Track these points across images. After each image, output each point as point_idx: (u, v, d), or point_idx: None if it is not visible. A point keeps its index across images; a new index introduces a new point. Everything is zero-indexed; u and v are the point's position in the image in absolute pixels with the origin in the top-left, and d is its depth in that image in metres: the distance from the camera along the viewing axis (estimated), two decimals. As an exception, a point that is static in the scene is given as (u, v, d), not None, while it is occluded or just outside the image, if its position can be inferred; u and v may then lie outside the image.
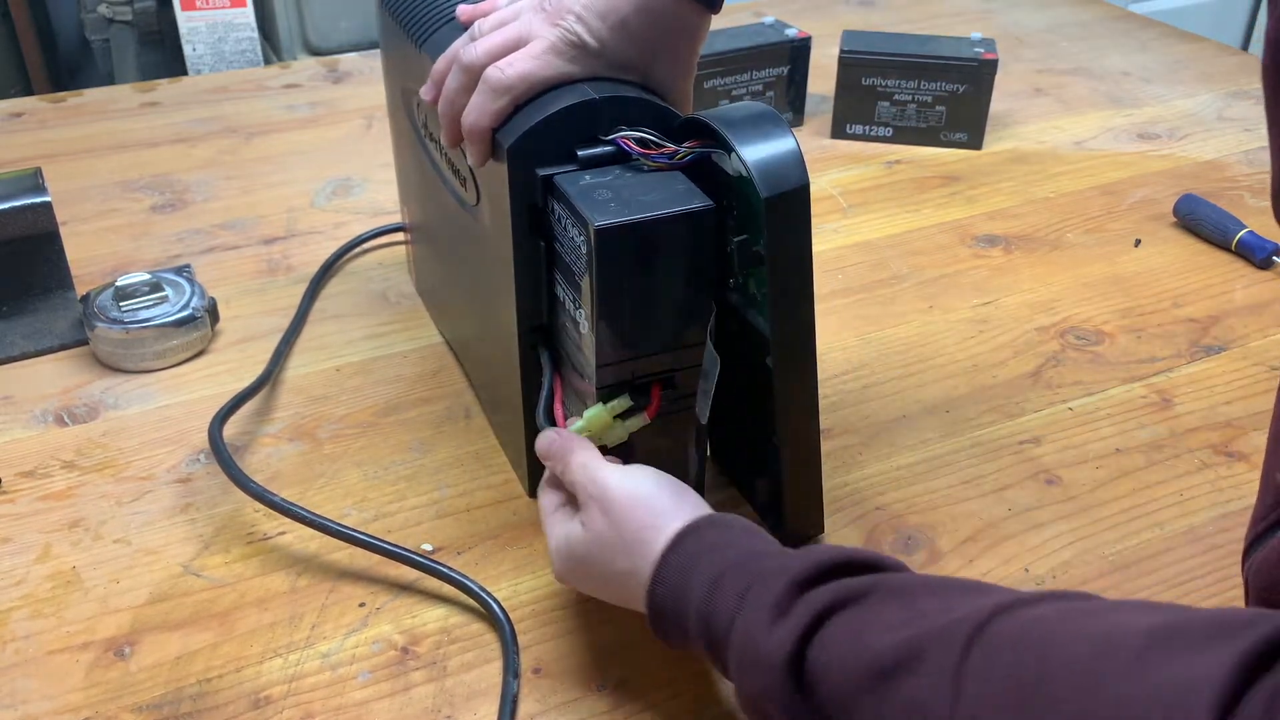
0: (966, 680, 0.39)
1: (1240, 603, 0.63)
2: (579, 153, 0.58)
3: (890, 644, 0.42)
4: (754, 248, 0.56)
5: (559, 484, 0.59)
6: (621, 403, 0.60)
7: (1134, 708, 0.33)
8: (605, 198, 0.55)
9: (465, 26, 0.65)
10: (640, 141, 0.58)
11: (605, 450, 0.60)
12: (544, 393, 0.63)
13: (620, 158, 0.58)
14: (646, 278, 0.56)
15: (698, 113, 0.58)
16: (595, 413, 0.59)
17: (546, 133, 0.58)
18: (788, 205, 0.54)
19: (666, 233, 0.55)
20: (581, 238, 0.55)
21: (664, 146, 0.58)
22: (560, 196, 0.57)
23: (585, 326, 0.58)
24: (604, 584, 0.55)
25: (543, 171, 0.58)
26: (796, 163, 0.54)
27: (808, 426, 0.61)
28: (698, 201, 0.55)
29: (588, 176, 0.57)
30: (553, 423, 0.62)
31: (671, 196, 0.56)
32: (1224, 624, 0.34)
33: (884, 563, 0.47)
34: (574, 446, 0.57)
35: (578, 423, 0.60)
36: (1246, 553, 0.54)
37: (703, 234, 0.56)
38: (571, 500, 0.58)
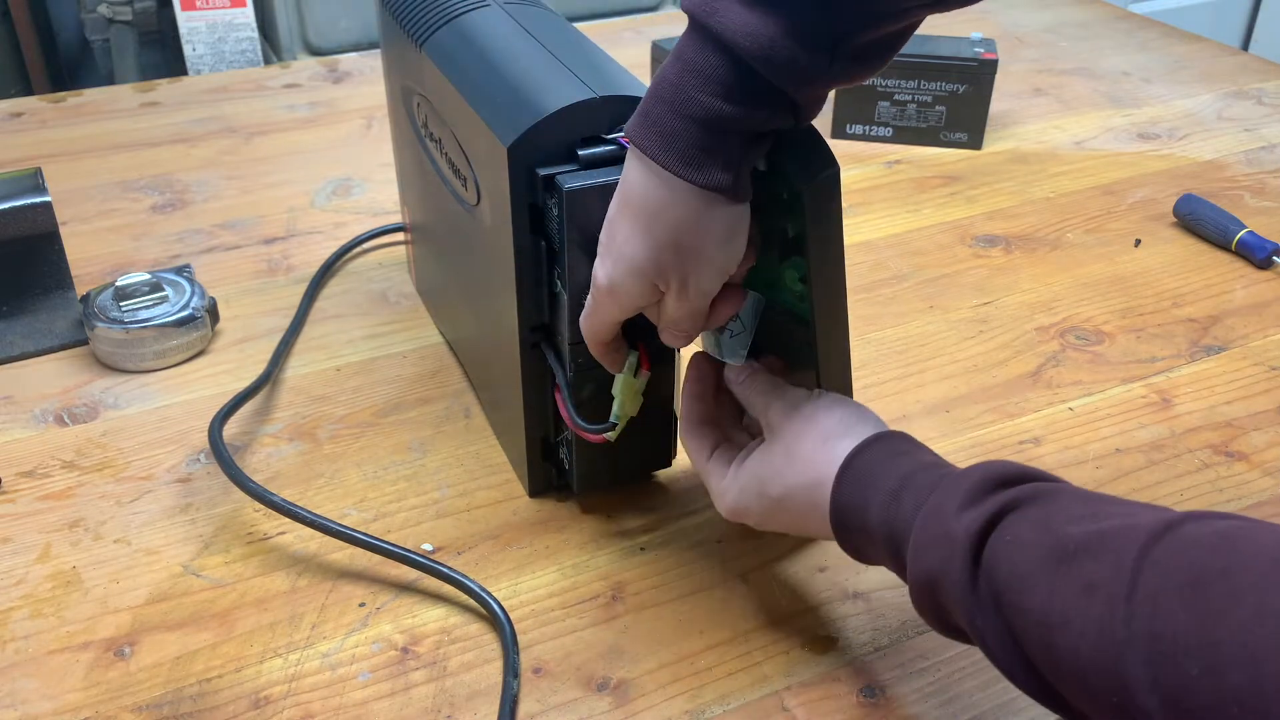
0: (1148, 568, 0.40)
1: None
2: (580, 152, 0.58)
3: (1075, 532, 0.43)
4: (789, 235, 0.57)
5: (708, 425, 0.63)
6: (631, 363, 0.61)
7: None
8: None
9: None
10: None
11: (632, 421, 0.63)
12: (564, 388, 0.63)
13: (622, 157, 0.58)
14: None
15: None
16: (624, 381, 0.61)
17: (546, 132, 0.58)
18: (824, 190, 0.55)
19: None
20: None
21: None
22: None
23: (558, 286, 0.61)
24: (782, 502, 0.57)
25: (543, 171, 0.58)
26: (825, 149, 0.54)
27: (847, 393, 0.64)
28: None
29: (588, 176, 0.57)
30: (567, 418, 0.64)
31: None
32: None
33: (1058, 478, 0.49)
34: (763, 383, 0.61)
35: (614, 405, 0.62)
36: None
37: None
38: (725, 441, 0.62)
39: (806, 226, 0.55)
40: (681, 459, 0.73)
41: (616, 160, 0.58)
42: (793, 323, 0.61)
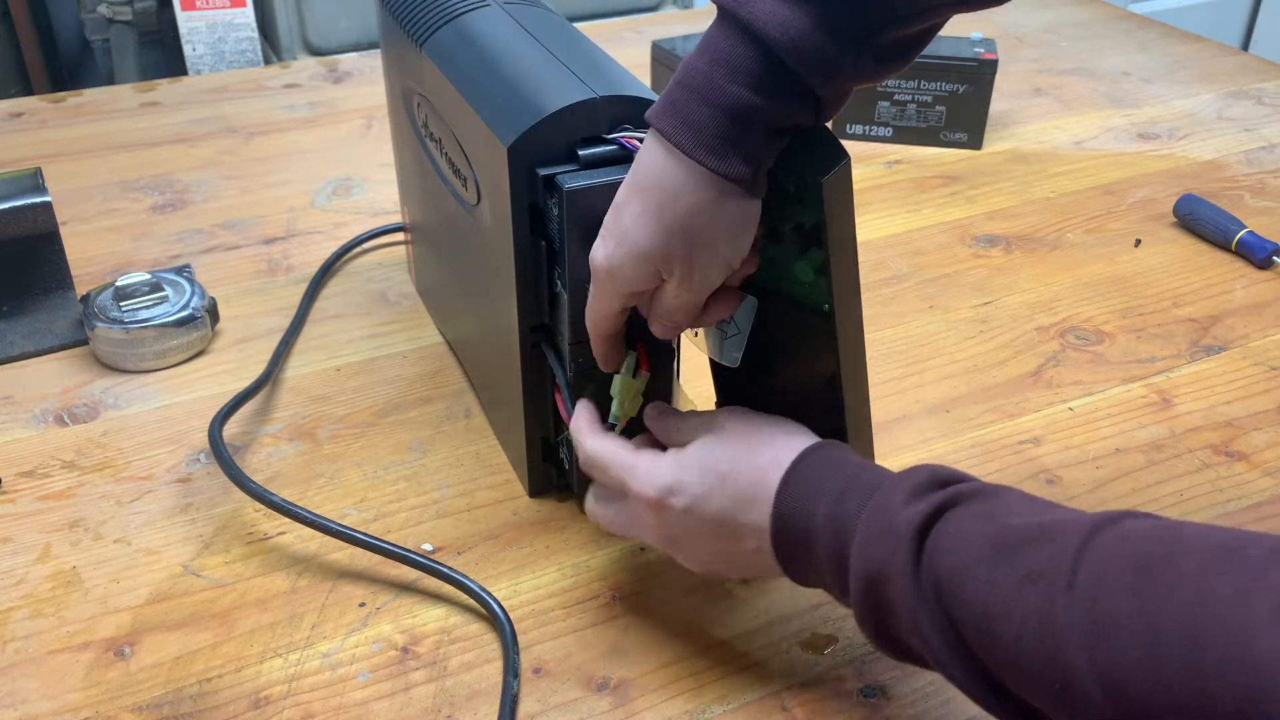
0: (1090, 556, 0.40)
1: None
2: (580, 152, 0.58)
3: (1017, 524, 0.44)
4: (805, 228, 0.58)
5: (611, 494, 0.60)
6: (630, 364, 0.61)
7: (1251, 601, 0.35)
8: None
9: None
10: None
11: (629, 424, 0.62)
12: (564, 388, 0.63)
13: (622, 157, 0.58)
14: None
15: None
16: (623, 382, 0.61)
17: (547, 132, 0.58)
18: (839, 180, 0.56)
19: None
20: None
21: None
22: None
23: (559, 286, 0.61)
24: (727, 478, 0.55)
25: (543, 171, 0.58)
26: (835, 141, 0.54)
27: (862, 382, 0.64)
28: None
29: (588, 176, 0.57)
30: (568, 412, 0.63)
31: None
32: None
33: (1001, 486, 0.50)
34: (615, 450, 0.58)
35: (613, 406, 0.62)
36: None
37: None
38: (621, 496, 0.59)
39: (825, 218, 0.56)
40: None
41: (617, 160, 0.58)
42: (805, 316, 0.61)
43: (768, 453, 0.55)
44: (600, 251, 0.55)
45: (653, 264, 0.54)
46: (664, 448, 0.59)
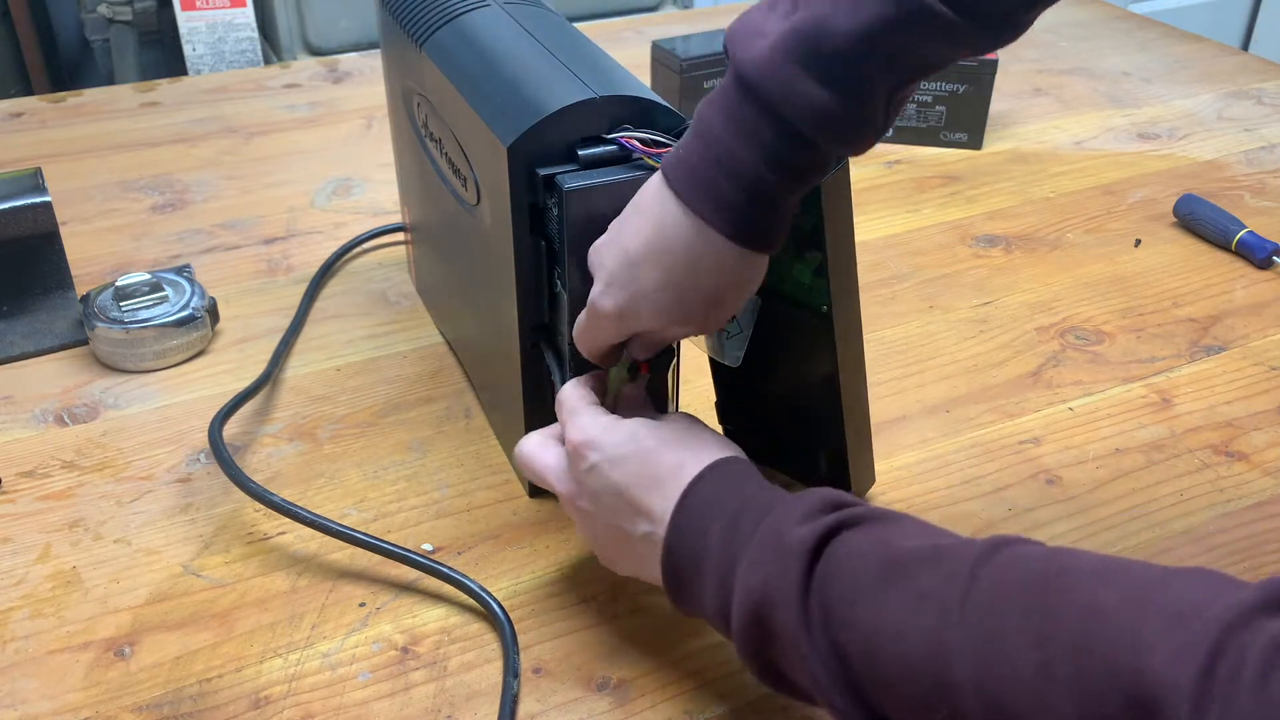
0: (984, 575, 0.41)
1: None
2: (580, 152, 0.58)
3: (910, 546, 0.44)
4: (804, 229, 0.59)
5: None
6: (626, 364, 0.61)
7: (1145, 610, 0.35)
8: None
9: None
10: (647, 142, 0.58)
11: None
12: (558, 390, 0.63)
13: (622, 158, 0.58)
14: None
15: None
16: (616, 377, 0.61)
17: (547, 132, 0.58)
18: (837, 182, 0.57)
19: (629, 193, 0.57)
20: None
21: (674, 145, 0.58)
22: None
23: (559, 286, 0.61)
24: (616, 501, 0.55)
25: (543, 171, 0.58)
26: None
27: (861, 381, 0.65)
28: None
29: (588, 176, 0.57)
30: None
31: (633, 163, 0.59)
32: (1231, 578, 0.37)
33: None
34: (579, 406, 0.58)
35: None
36: None
37: None
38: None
39: (824, 219, 0.56)
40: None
41: (617, 160, 0.58)
42: (804, 317, 0.61)
43: (690, 453, 0.54)
44: (608, 301, 0.55)
45: (666, 320, 0.55)
46: None
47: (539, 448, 0.60)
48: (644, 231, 0.53)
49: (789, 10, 0.48)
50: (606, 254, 0.55)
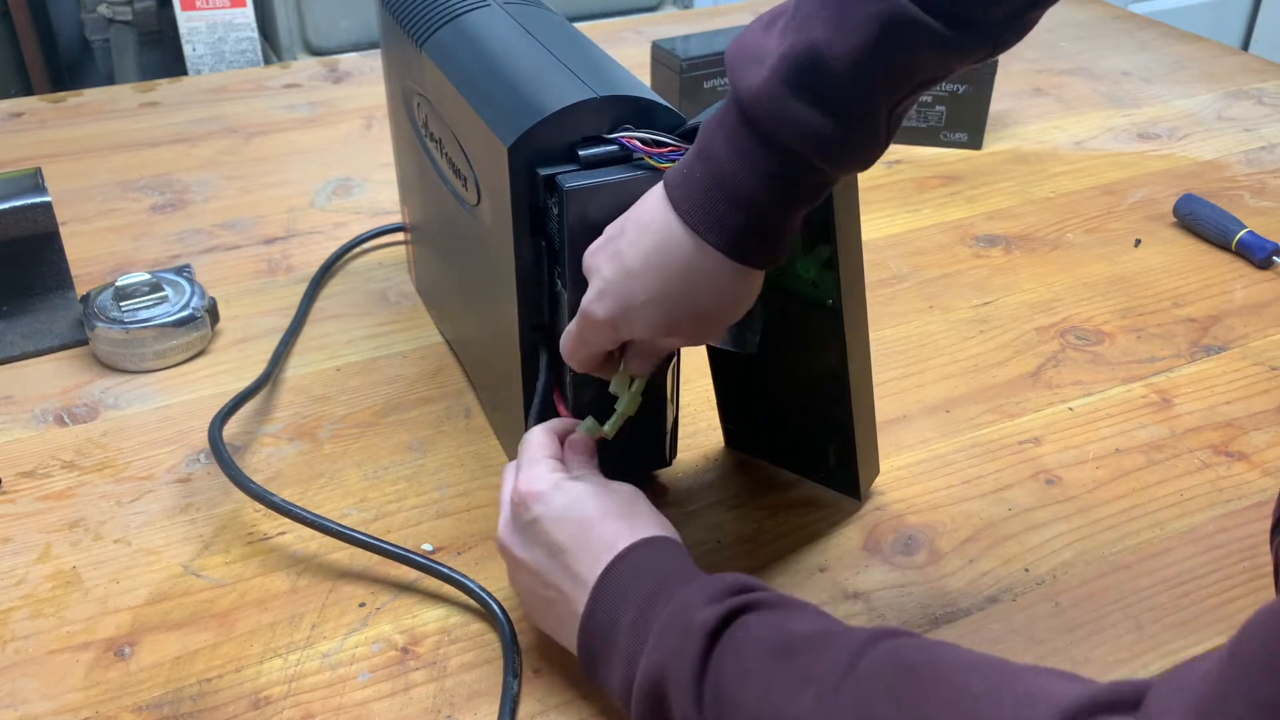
0: (864, 662, 0.43)
1: (1248, 600, 0.64)
2: (580, 152, 0.58)
3: (801, 630, 0.46)
4: (813, 224, 0.59)
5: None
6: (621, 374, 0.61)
7: (994, 694, 0.39)
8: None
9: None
10: (647, 142, 0.58)
11: (630, 421, 0.62)
12: (538, 396, 0.63)
13: (623, 157, 0.58)
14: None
15: (703, 118, 0.58)
16: (620, 381, 0.61)
17: (547, 132, 0.58)
18: (848, 180, 0.58)
19: (629, 193, 0.57)
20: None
21: (675, 146, 0.58)
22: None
23: (559, 285, 0.61)
24: (546, 556, 0.56)
25: (544, 171, 0.58)
26: None
27: (867, 373, 0.66)
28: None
29: (589, 176, 0.57)
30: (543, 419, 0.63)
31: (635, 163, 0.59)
32: (1067, 674, 0.40)
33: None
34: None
35: (617, 405, 0.62)
36: (1275, 529, 0.57)
37: None
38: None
39: (834, 215, 0.57)
40: (682, 459, 0.73)
41: (617, 160, 0.58)
42: (810, 312, 0.61)
43: (626, 527, 0.55)
44: (601, 308, 0.55)
45: (659, 333, 0.55)
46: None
47: (510, 475, 0.60)
48: (643, 244, 0.53)
49: (784, 29, 0.49)
50: (603, 261, 0.55)
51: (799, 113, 0.48)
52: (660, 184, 0.54)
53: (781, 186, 0.50)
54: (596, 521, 0.55)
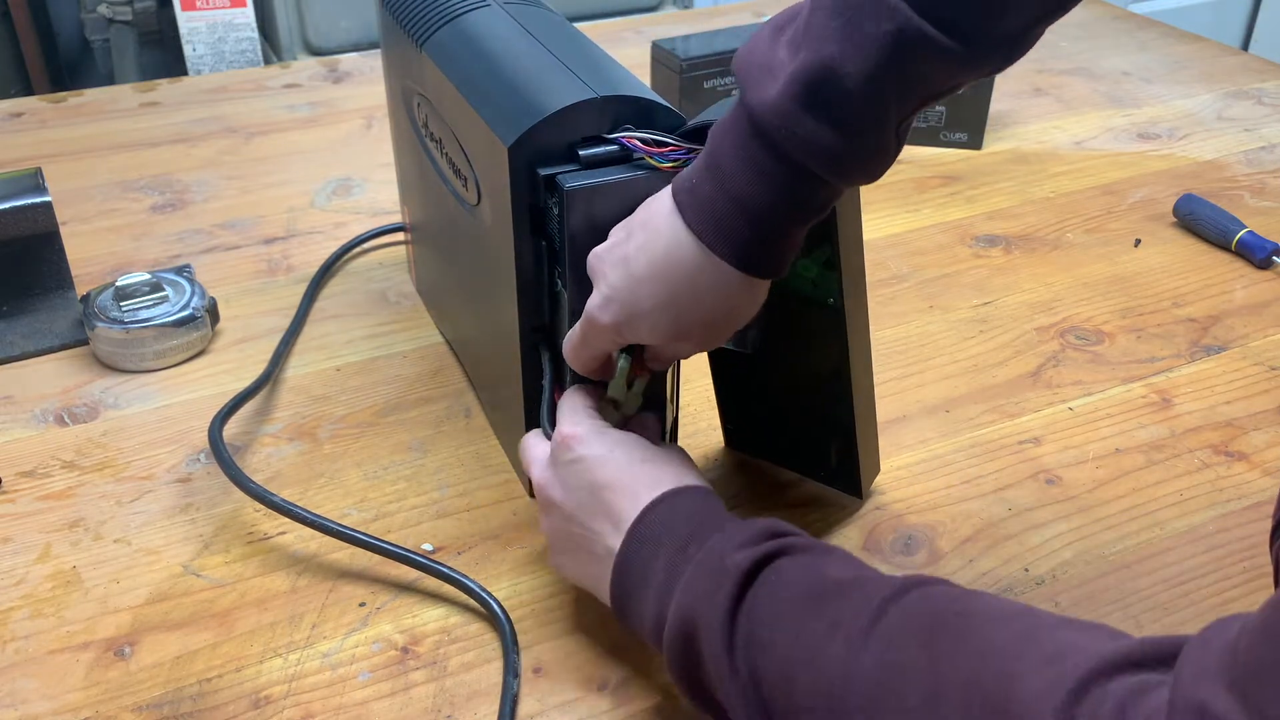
0: (892, 610, 0.43)
1: (1248, 600, 0.64)
2: (581, 152, 0.58)
3: (835, 575, 0.46)
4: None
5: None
6: (625, 363, 0.61)
7: (1022, 648, 0.38)
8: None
9: None
10: (648, 142, 0.58)
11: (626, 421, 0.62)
12: (545, 395, 0.63)
13: (623, 157, 0.58)
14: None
15: (704, 118, 0.58)
16: (618, 386, 0.61)
17: (547, 132, 0.58)
18: None
19: (630, 193, 0.57)
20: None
21: (676, 146, 0.58)
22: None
23: (559, 286, 0.61)
24: (588, 497, 0.56)
25: (544, 171, 0.58)
26: None
27: (868, 371, 0.66)
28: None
29: (589, 176, 0.57)
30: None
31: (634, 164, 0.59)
32: (1099, 626, 0.40)
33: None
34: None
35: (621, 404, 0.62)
36: (1275, 532, 0.57)
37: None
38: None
39: (835, 215, 0.58)
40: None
41: (618, 160, 0.58)
42: (811, 311, 0.61)
43: (668, 474, 0.56)
44: (607, 314, 0.56)
45: (664, 339, 0.56)
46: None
47: (537, 438, 0.61)
48: (650, 251, 0.54)
49: (794, 39, 0.49)
50: (608, 266, 0.56)
51: (811, 130, 0.48)
52: (668, 190, 0.54)
53: (791, 200, 0.51)
54: (640, 464, 0.55)
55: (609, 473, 0.55)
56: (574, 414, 0.58)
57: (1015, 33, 0.47)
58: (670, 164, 0.58)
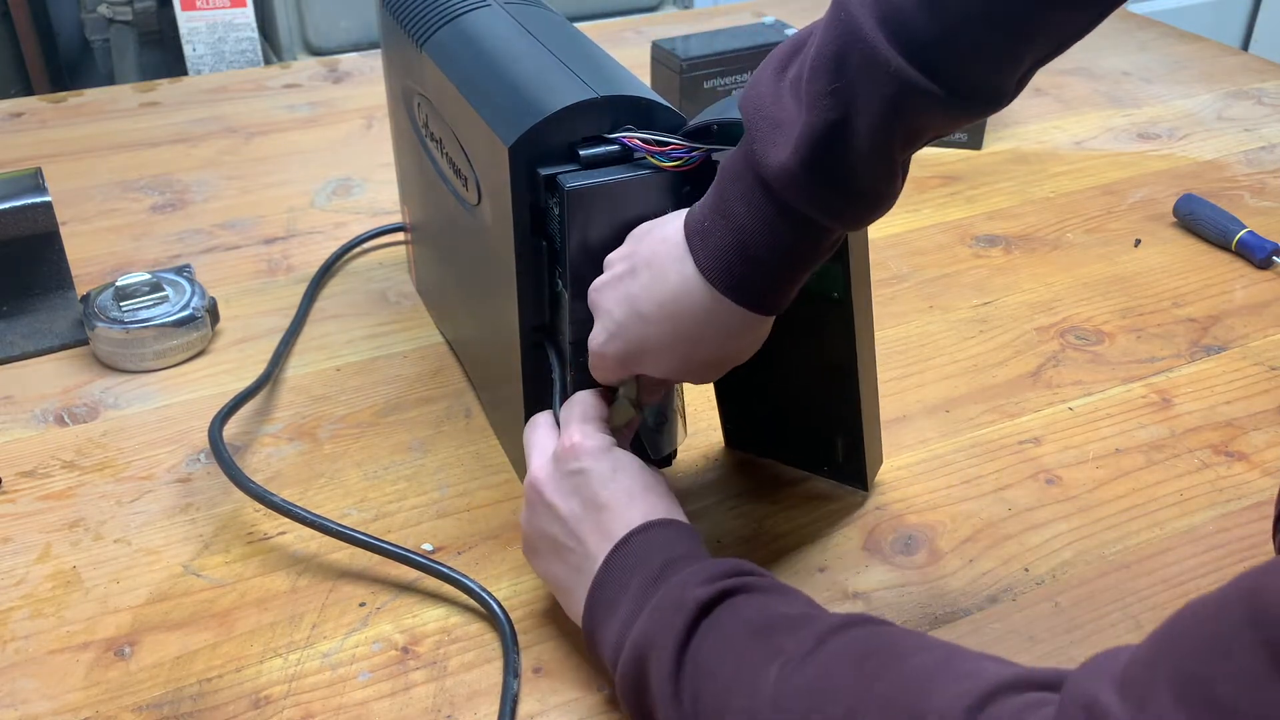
0: (832, 639, 0.45)
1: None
2: (581, 152, 0.58)
3: (783, 611, 0.47)
4: None
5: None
6: (630, 390, 0.62)
7: (937, 673, 0.41)
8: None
9: None
10: (649, 142, 0.58)
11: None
12: (556, 389, 0.63)
13: (623, 157, 0.58)
14: (613, 234, 0.59)
15: (705, 118, 0.58)
16: (626, 394, 0.62)
17: (548, 132, 0.58)
18: None
19: (631, 193, 0.58)
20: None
21: (678, 144, 0.58)
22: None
23: (560, 286, 0.61)
24: (581, 509, 0.56)
25: (544, 171, 0.58)
26: None
27: (872, 364, 0.67)
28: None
29: (590, 175, 0.57)
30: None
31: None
32: (1013, 664, 0.42)
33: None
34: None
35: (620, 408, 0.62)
36: (1276, 528, 0.58)
37: (663, 195, 0.59)
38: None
39: None
40: (682, 459, 0.73)
41: (618, 160, 0.58)
42: (816, 305, 0.62)
43: (661, 506, 0.56)
44: (611, 350, 0.57)
45: (667, 374, 0.57)
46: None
47: (548, 424, 0.61)
48: (657, 293, 0.54)
49: (797, 90, 0.49)
50: (612, 303, 0.56)
51: (821, 193, 0.50)
52: (673, 223, 0.55)
53: (802, 247, 0.52)
54: (639, 493, 0.56)
55: (609, 493, 0.56)
56: (584, 424, 0.58)
57: (1015, 79, 0.48)
58: (672, 163, 0.58)
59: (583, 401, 0.60)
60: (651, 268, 0.54)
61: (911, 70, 0.45)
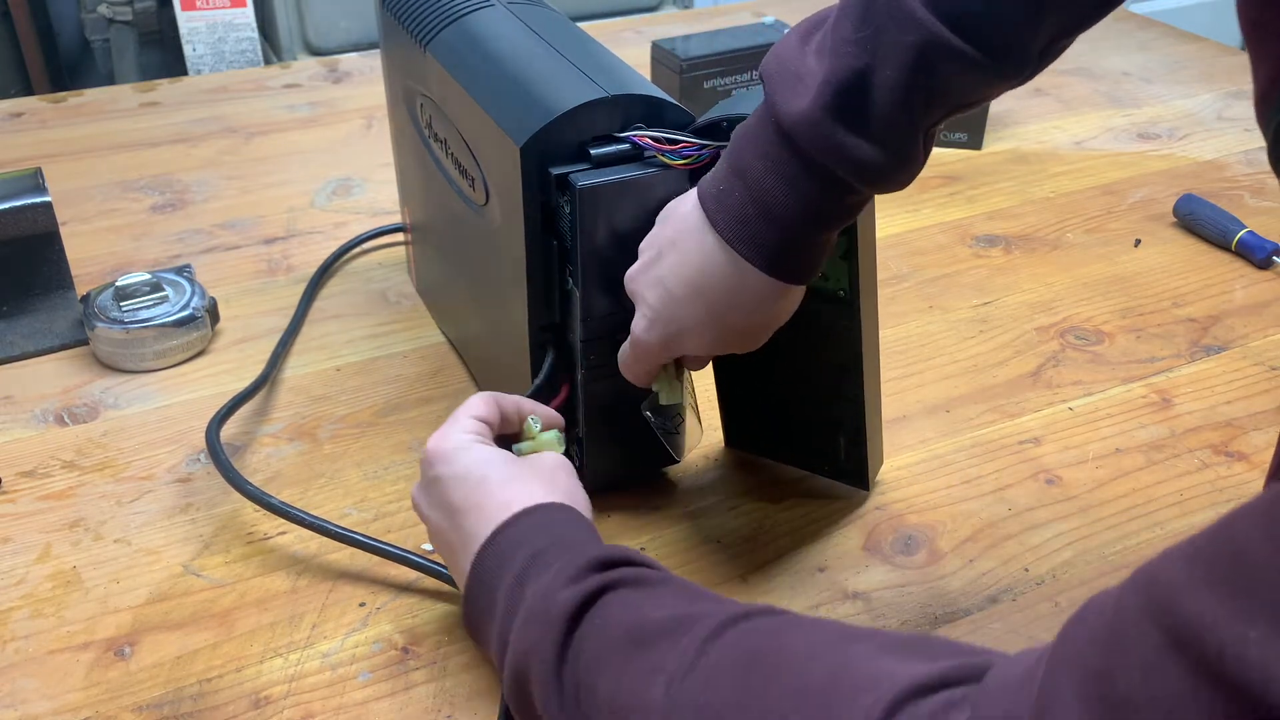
0: (712, 650, 0.42)
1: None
2: (592, 151, 0.58)
3: (657, 617, 0.44)
4: None
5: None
6: (672, 371, 0.62)
7: (837, 681, 0.38)
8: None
9: None
10: (659, 140, 0.58)
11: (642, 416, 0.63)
12: (535, 387, 0.63)
13: (634, 155, 0.58)
14: (625, 232, 0.59)
15: (715, 115, 0.58)
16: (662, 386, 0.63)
17: (558, 131, 0.58)
18: None
19: (642, 191, 0.58)
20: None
21: (689, 142, 0.58)
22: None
23: (570, 284, 0.61)
24: (449, 512, 0.55)
25: (555, 170, 0.58)
26: None
27: (876, 362, 0.67)
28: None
29: (601, 174, 0.58)
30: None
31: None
32: (920, 647, 0.39)
33: (664, 569, 0.50)
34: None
35: (661, 396, 0.63)
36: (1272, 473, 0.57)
37: (674, 193, 0.59)
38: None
39: None
40: (688, 458, 0.73)
41: (628, 159, 0.59)
42: (821, 304, 0.62)
43: (525, 493, 0.53)
44: (653, 335, 0.57)
45: (708, 350, 0.58)
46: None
47: (458, 417, 0.58)
48: (684, 270, 0.55)
49: (822, 48, 0.49)
50: (645, 288, 0.57)
51: (843, 140, 0.49)
52: (691, 197, 0.55)
53: (820, 206, 0.52)
54: (496, 485, 0.53)
55: (461, 494, 0.54)
56: (450, 424, 0.56)
57: (1038, 45, 0.48)
58: (683, 161, 0.58)
59: (466, 405, 0.58)
60: (676, 246, 0.55)
61: (937, 23, 0.45)
